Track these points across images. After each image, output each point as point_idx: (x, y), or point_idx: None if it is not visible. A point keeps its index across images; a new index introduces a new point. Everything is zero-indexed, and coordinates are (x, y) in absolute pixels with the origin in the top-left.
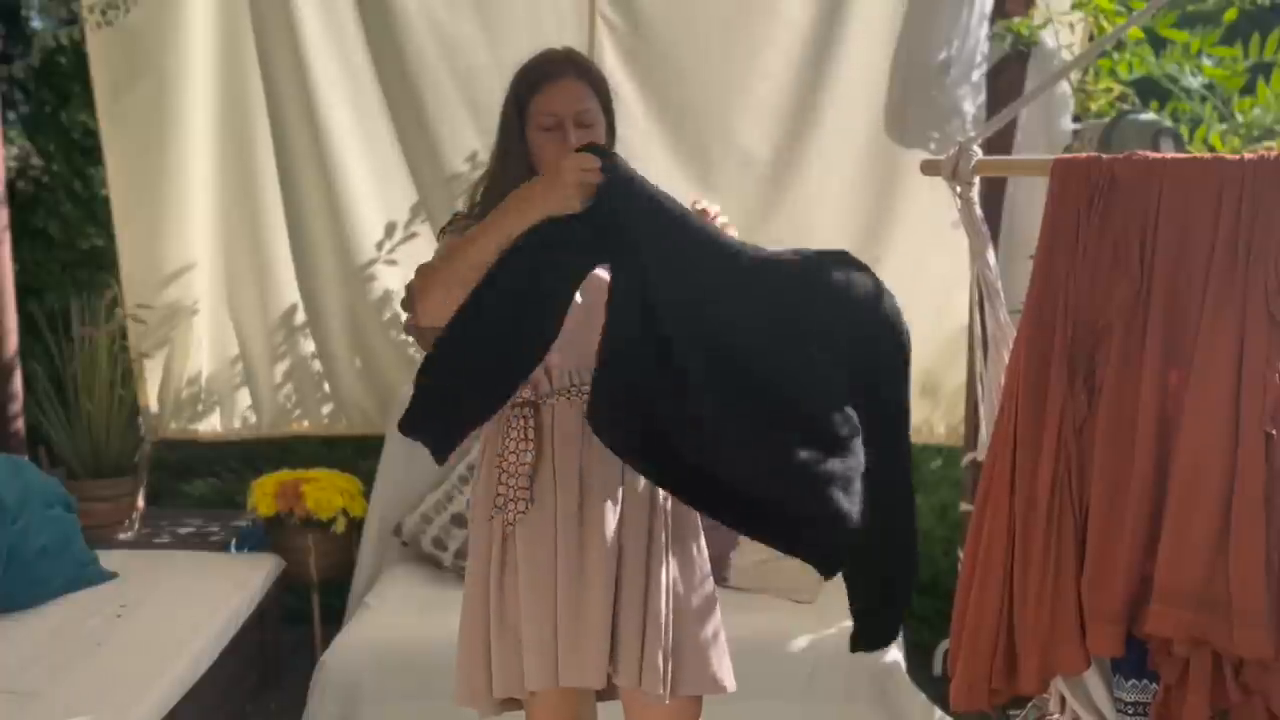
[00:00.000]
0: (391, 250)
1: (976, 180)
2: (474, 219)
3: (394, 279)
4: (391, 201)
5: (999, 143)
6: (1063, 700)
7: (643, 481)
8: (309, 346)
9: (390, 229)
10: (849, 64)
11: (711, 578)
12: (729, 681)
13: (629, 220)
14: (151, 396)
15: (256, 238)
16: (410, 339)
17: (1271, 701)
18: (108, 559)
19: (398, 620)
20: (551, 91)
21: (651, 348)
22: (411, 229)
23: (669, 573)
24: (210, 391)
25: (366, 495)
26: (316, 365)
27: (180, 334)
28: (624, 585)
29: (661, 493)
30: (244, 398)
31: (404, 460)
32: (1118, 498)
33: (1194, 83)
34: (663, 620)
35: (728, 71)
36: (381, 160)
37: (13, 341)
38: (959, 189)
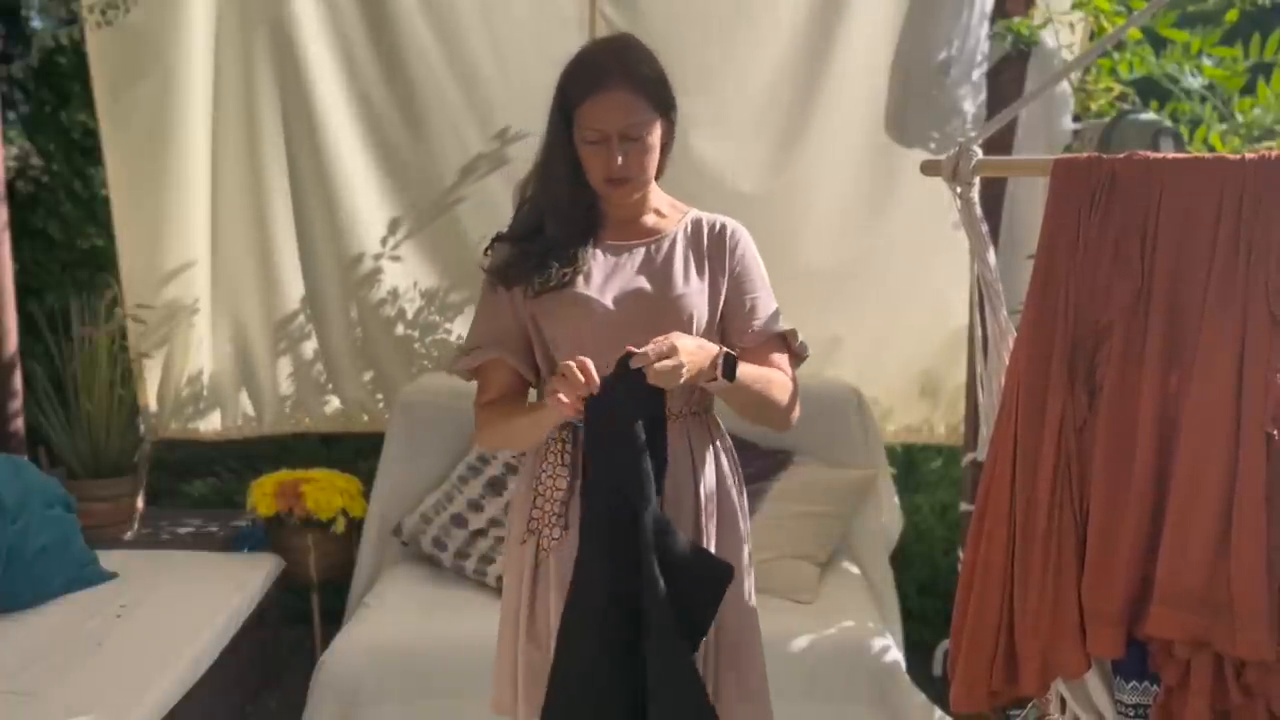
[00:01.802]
0: (395, 247)
1: (976, 181)
2: (511, 236)
3: (397, 276)
4: (394, 198)
5: (999, 142)
6: (1063, 702)
7: (686, 505)
8: (310, 345)
9: (394, 225)
10: (849, 63)
11: (756, 614)
12: None
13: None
14: (151, 396)
15: (257, 236)
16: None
17: (1273, 703)
18: (108, 559)
19: (398, 620)
20: (597, 104)
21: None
22: (415, 225)
23: None
24: (211, 390)
25: (366, 495)
26: (318, 363)
27: (180, 333)
28: None
29: (704, 517)
30: (244, 397)
31: (404, 460)
32: (1118, 498)
33: (1194, 83)
34: (703, 649)
35: (727, 71)
36: (384, 157)
37: (13, 341)
38: (959, 189)
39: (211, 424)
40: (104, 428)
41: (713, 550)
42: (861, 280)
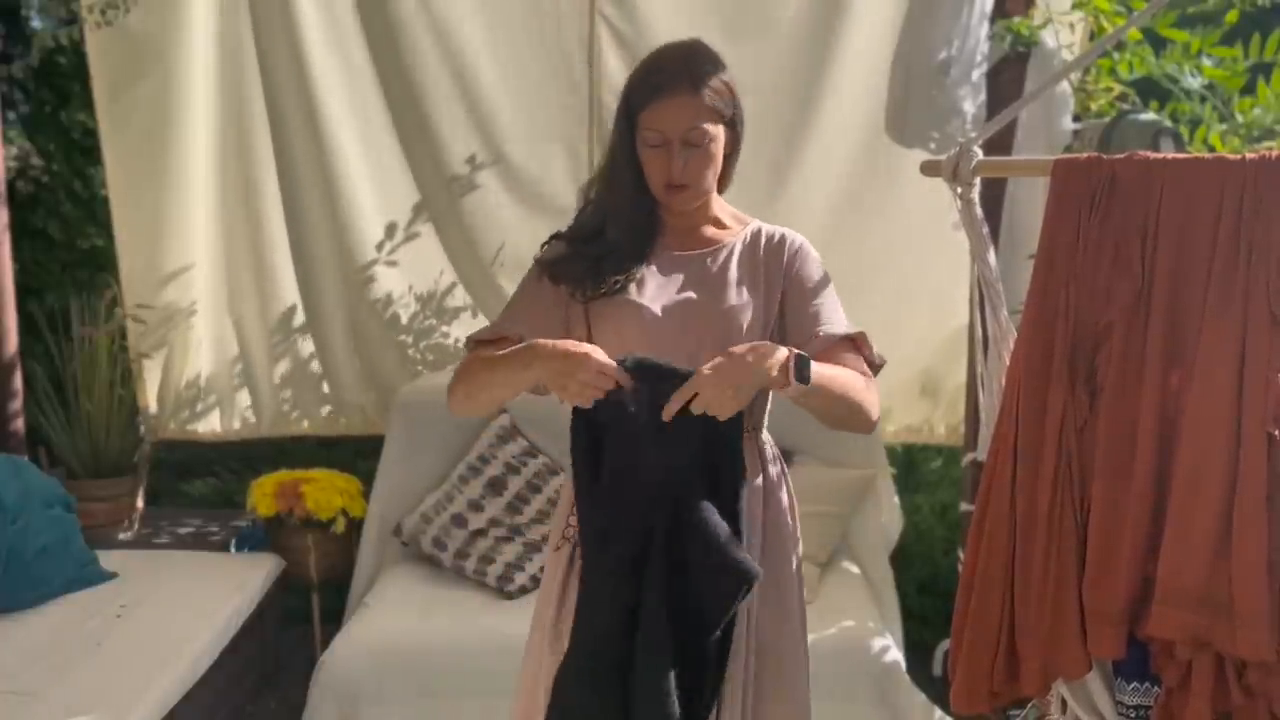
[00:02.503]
0: (392, 251)
1: (976, 181)
2: (570, 237)
3: (394, 280)
4: (392, 202)
5: (999, 142)
6: (1064, 703)
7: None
8: (308, 347)
9: (390, 229)
10: (849, 64)
11: (805, 624)
12: None
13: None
14: (151, 396)
15: (256, 238)
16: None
17: (1274, 704)
18: (107, 559)
19: (397, 620)
20: (659, 108)
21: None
22: (412, 229)
23: (753, 609)
24: (210, 391)
25: (366, 495)
26: (316, 365)
27: (180, 334)
28: None
29: (750, 526)
30: (244, 398)
31: (403, 460)
32: (1119, 498)
33: (1194, 83)
34: (743, 658)
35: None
36: (381, 160)
37: (13, 341)
38: (959, 190)
39: (210, 425)
40: (104, 428)
41: (759, 563)
42: (861, 280)
